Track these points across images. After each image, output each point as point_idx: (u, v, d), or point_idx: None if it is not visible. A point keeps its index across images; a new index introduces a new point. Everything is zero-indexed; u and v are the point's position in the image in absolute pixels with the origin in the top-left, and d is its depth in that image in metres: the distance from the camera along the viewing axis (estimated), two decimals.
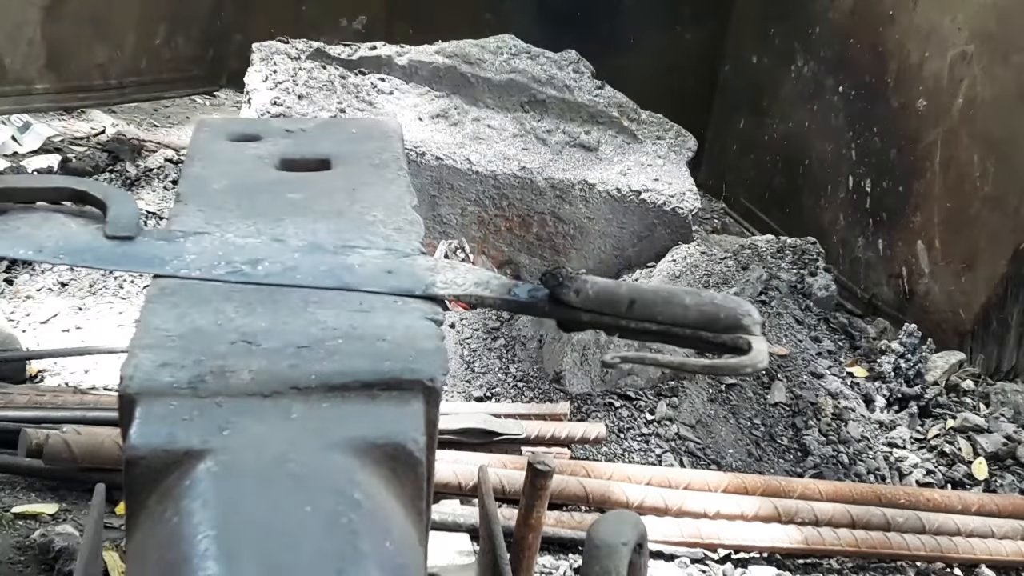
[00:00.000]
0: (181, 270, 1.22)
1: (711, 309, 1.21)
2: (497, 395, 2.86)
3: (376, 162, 1.56)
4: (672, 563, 2.41)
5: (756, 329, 1.20)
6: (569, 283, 1.21)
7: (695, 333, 1.21)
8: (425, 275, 1.26)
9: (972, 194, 3.58)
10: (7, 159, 4.14)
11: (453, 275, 1.27)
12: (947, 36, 3.72)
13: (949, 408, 3.26)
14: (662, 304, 1.21)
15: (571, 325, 1.26)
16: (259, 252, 1.26)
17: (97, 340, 2.88)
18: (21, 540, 2.10)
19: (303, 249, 1.28)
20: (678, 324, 1.21)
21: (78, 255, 1.24)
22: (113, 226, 1.25)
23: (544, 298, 1.24)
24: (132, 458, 0.93)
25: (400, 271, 1.26)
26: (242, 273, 1.22)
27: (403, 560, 0.88)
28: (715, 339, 1.21)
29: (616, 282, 1.26)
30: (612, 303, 1.21)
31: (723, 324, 1.21)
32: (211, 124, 1.68)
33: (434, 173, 3.71)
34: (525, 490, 1.77)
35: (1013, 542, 2.63)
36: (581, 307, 1.21)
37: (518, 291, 1.25)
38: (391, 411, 1.00)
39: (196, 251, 1.25)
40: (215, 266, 1.22)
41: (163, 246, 1.25)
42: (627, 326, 1.22)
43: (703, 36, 5.38)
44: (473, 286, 1.26)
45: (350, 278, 1.23)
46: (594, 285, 1.22)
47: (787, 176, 4.76)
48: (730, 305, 1.21)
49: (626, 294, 1.22)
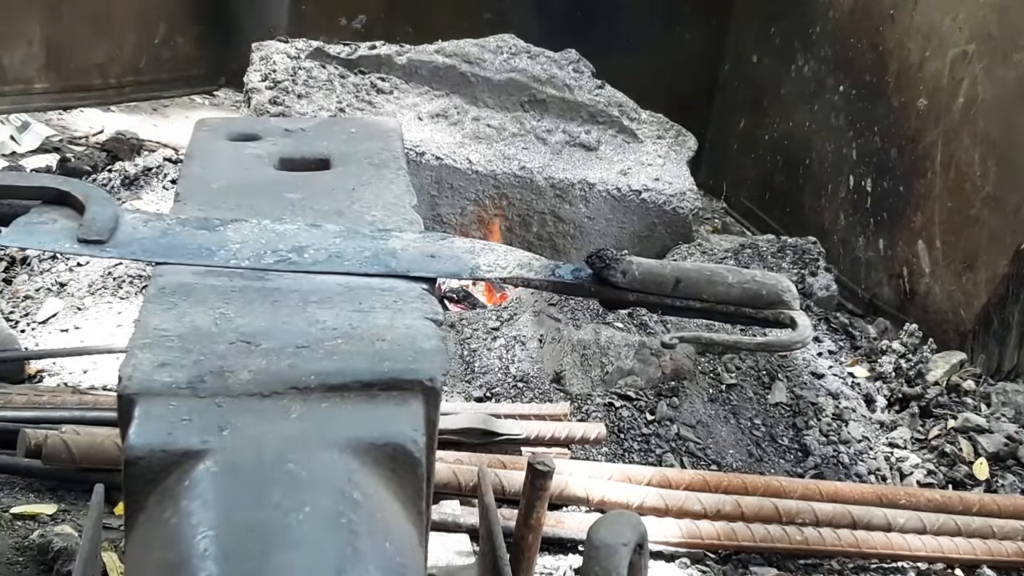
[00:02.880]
0: (231, 260, 1.21)
1: (753, 286, 1.27)
2: (497, 395, 2.85)
3: (376, 162, 1.55)
4: (672, 563, 2.41)
5: (796, 304, 1.28)
6: (616, 264, 1.25)
7: (738, 309, 1.28)
8: (467, 258, 1.27)
9: (973, 194, 3.58)
10: (6, 159, 4.14)
11: (494, 257, 1.28)
12: (947, 36, 3.72)
13: (950, 408, 3.26)
14: (706, 283, 1.27)
15: (615, 304, 1.31)
16: (301, 239, 1.26)
17: (96, 340, 2.88)
18: (20, 540, 2.10)
19: (343, 235, 1.28)
20: (721, 301, 1.26)
21: (125, 248, 1.23)
22: (86, 229, 1.24)
23: (588, 278, 1.27)
24: (131, 458, 0.93)
25: (442, 254, 1.26)
26: (290, 261, 1.22)
27: (403, 560, 0.88)
28: (757, 315, 1.29)
29: (660, 262, 1.30)
30: (657, 283, 1.26)
31: (765, 300, 1.27)
32: (210, 124, 1.68)
33: (434, 173, 3.70)
34: (525, 490, 1.77)
35: (1014, 542, 2.63)
36: (627, 287, 1.25)
37: (561, 272, 1.29)
38: (390, 411, 1.00)
39: (239, 240, 1.24)
40: (262, 255, 1.22)
41: (205, 235, 1.25)
42: (672, 304, 1.28)
43: (703, 36, 5.38)
44: (516, 267, 1.27)
45: (395, 263, 1.23)
46: (640, 266, 1.26)
47: (787, 176, 4.76)
48: (770, 282, 1.28)
49: (671, 274, 1.27)
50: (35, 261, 3.23)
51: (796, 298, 1.28)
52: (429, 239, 1.29)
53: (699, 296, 1.26)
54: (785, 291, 1.27)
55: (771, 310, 1.26)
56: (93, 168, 3.88)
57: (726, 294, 1.26)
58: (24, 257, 3.25)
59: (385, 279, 1.22)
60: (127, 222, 1.27)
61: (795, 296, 1.28)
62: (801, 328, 1.24)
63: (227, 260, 1.21)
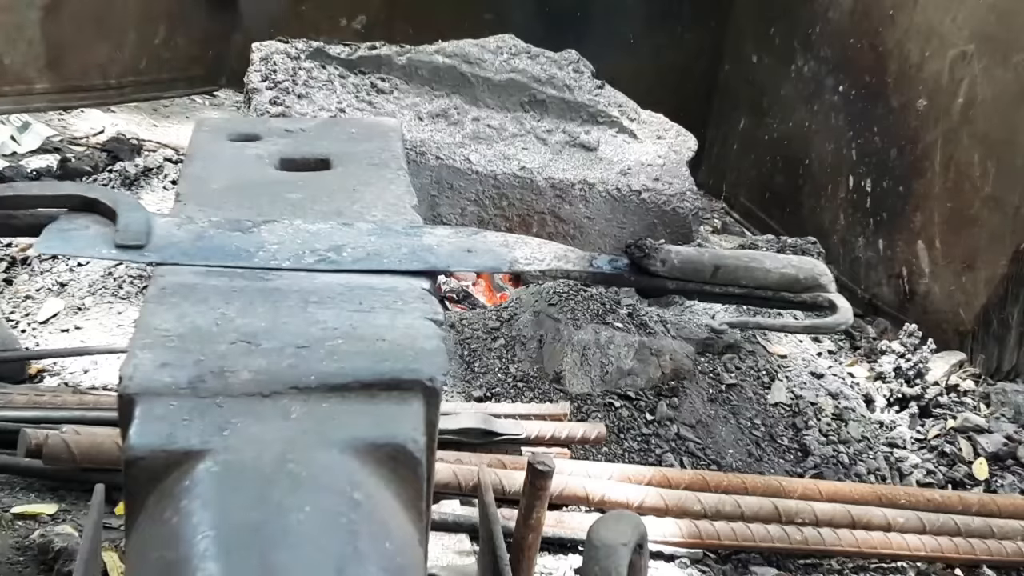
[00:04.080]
0: (271, 261, 1.20)
1: (791, 272, 1.32)
2: (497, 395, 2.85)
3: (376, 162, 1.55)
4: (672, 563, 2.41)
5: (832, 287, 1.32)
6: (654, 253, 1.28)
7: (777, 294, 1.32)
8: (503, 252, 1.27)
9: (972, 194, 3.58)
10: (6, 159, 4.14)
11: (530, 250, 1.29)
12: (947, 36, 3.72)
13: (949, 408, 3.26)
14: (744, 269, 1.30)
15: (654, 292, 1.34)
16: (336, 238, 1.25)
17: (97, 340, 2.88)
18: (20, 540, 2.10)
19: (377, 232, 1.27)
20: (760, 287, 1.29)
21: (164, 252, 1.23)
22: (123, 235, 1.24)
23: (626, 268, 1.29)
24: (131, 458, 0.93)
25: (478, 249, 1.27)
26: (330, 261, 1.21)
27: (403, 560, 0.88)
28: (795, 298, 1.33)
29: (698, 250, 1.33)
30: (696, 271, 1.29)
31: (803, 285, 1.31)
32: (211, 124, 1.68)
33: (434, 173, 3.70)
34: (525, 490, 1.77)
35: (1014, 542, 2.63)
36: (667, 275, 1.27)
37: (599, 262, 1.31)
38: (391, 411, 1.00)
39: (276, 241, 1.24)
40: (301, 255, 1.21)
41: (240, 237, 1.24)
42: (711, 291, 1.32)
43: (703, 36, 5.38)
44: (554, 259, 1.29)
45: (434, 260, 1.23)
46: (678, 255, 1.29)
47: (787, 176, 4.76)
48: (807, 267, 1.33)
49: (709, 261, 1.30)
50: (35, 261, 3.23)
51: (832, 281, 1.32)
52: (462, 234, 1.29)
53: (737, 282, 1.29)
54: (822, 275, 1.31)
55: (809, 294, 1.31)
56: (93, 168, 3.88)
57: (764, 279, 1.29)
58: (25, 257, 3.25)
59: (384, 279, 1.22)
60: (160, 226, 1.27)
61: (831, 280, 1.32)
62: (843, 310, 1.30)
63: (267, 261, 1.20)
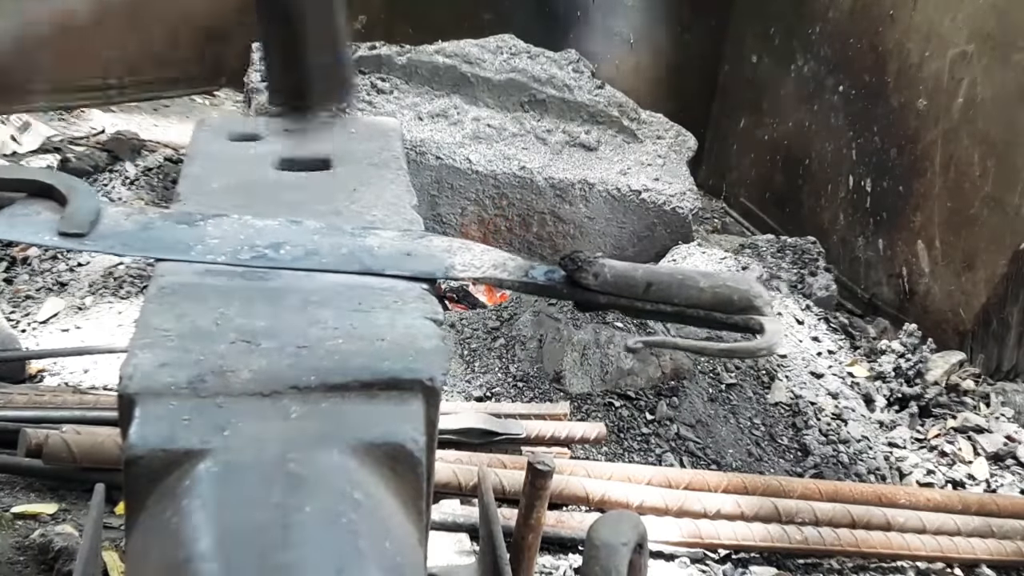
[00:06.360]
0: (207, 255, 1.20)
1: (724, 292, 1.26)
2: (497, 395, 2.85)
3: (376, 162, 1.55)
4: (672, 563, 2.41)
5: (768, 310, 1.26)
6: (588, 267, 1.25)
7: (709, 314, 1.27)
8: (444, 257, 1.26)
9: (972, 194, 3.58)
10: (6, 159, 4.14)
11: (470, 256, 1.27)
12: (947, 36, 3.72)
13: (949, 408, 3.26)
14: (677, 287, 1.26)
15: (588, 306, 1.30)
16: (279, 235, 1.25)
17: (97, 340, 2.88)
18: (20, 540, 2.10)
19: (321, 231, 1.27)
20: (692, 305, 1.25)
21: (103, 241, 1.23)
22: (67, 222, 1.23)
23: (561, 280, 1.27)
24: (131, 458, 0.93)
25: (418, 253, 1.26)
26: (266, 258, 1.21)
27: (403, 560, 0.88)
28: (727, 320, 1.27)
29: (633, 265, 1.29)
30: (629, 286, 1.26)
31: (736, 305, 1.26)
32: (211, 124, 1.68)
33: (434, 173, 3.71)
34: (525, 490, 1.77)
35: (1013, 542, 2.63)
36: (599, 290, 1.25)
37: (535, 273, 1.28)
38: (390, 411, 1.00)
39: (218, 235, 1.24)
40: (239, 251, 1.21)
41: (185, 230, 1.24)
42: (643, 308, 1.27)
43: (703, 36, 5.37)
44: (491, 268, 1.27)
45: (371, 261, 1.23)
46: (612, 269, 1.26)
47: (787, 176, 4.76)
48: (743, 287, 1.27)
49: (643, 277, 1.26)
50: (36, 261, 3.23)
51: (768, 303, 1.26)
52: (407, 237, 1.28)
53: (670, 300, 1.25)
54: (756, 296, 1.26)
55: (741, 315, 1.25)
56: (94, 168, 3.88)
57: (697, 298, 1.25)
58: (25, 257, 3.25)
59: (384, 279, 1.22)
60: (109, 215, 1.26)
61: (767, 301, 1.26)
62: (768, 334, 1.23)
63: (203, 255, 1.20)
